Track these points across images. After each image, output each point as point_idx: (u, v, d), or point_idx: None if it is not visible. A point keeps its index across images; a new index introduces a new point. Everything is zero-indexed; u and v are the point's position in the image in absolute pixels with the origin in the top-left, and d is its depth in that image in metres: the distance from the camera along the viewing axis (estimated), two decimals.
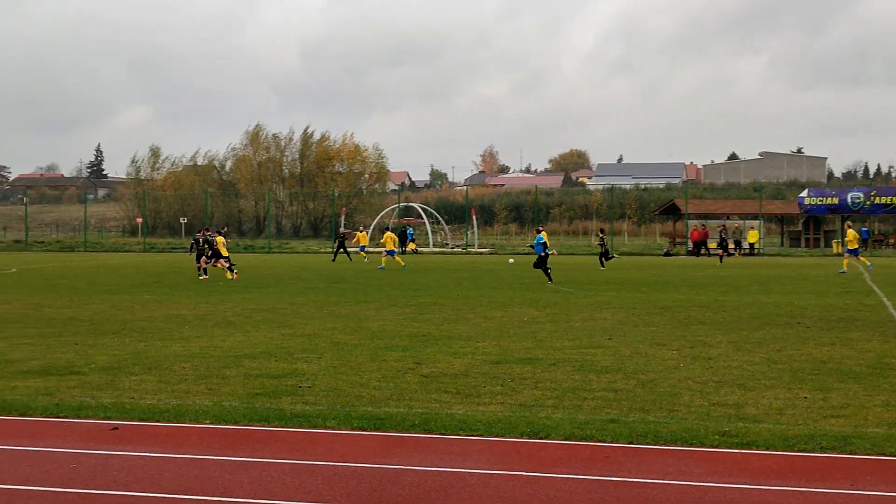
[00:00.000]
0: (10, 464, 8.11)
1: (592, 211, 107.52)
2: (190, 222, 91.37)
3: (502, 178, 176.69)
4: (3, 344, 15.97)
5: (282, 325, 18.72)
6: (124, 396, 11.23)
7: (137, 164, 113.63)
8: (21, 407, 10.51)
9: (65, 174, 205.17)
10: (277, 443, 8.92)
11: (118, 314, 21.06)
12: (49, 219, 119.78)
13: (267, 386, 11.94)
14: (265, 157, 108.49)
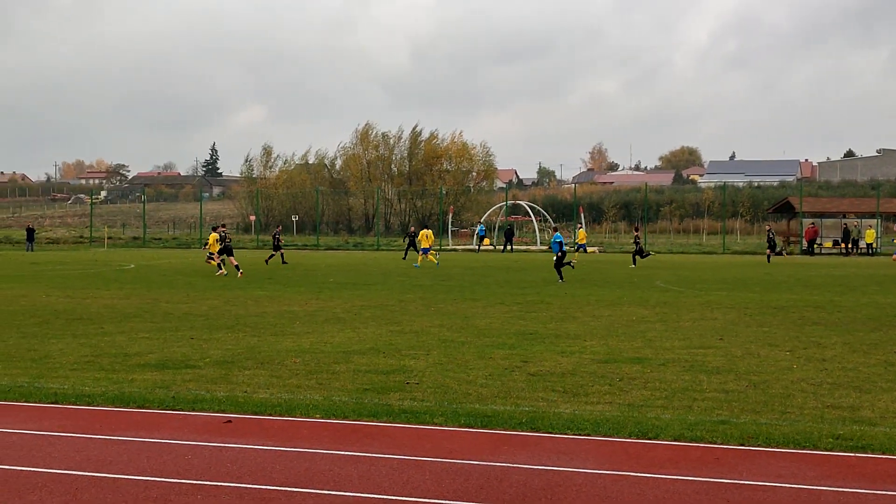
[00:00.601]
0: (129, 455, 8.36)
1: (704, 209, 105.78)
2: (301, 220, 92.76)
3: (611, 176, 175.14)
4: (122, 338, 16.45)
5: (390, 322, 18.89)
6: (237, 390, 11.48)
7: (250, 162, 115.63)
8: (139, 399, 10.81)
9: (181, 173, 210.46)
10: (386, 438, 9.01)
11: (232, 309, 21.51)
12: (166, 216, 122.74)
13: (375, 382, 12.07)
14: (374, 155, 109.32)
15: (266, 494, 7.15)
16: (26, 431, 9.23)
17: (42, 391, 11.27)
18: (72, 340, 16.11)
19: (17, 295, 25.68)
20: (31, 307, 22.06)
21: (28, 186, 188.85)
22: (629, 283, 30.54)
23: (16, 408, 10.44)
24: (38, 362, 13.71)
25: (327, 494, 7.16)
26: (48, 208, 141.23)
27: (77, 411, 10.26)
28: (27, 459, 8.14)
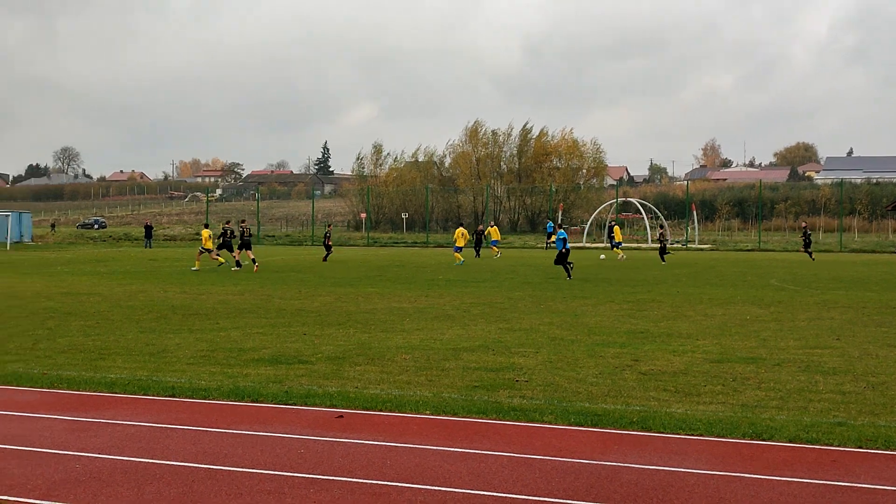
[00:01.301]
0: (243, 448, 8.52)
1: (820, 206, 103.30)
2: (411, 217, 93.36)
3: (724, 173, 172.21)
4: (237, 333, 16.77)
5: (499, 320, 18.88)
6: (349, 386, 11.60)
7: (362, 160, 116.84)
8: (253, 393, 11.01)
9: (293, 171, 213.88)
10: (495, 435, 9.01)
11: (343, 306, 21.75)
12: (279, 213, 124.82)
13: (485, 379, 12.08)
14: (484, 152, 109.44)
15: (377, 489, 7.21)
16: (144, 424, 9.47)
17: (160, 384, 11.55)
18: (188, 335, 16.48)
19: (136, 291, 26.38)
20: (149, 303, 22.65)
21: (146, 185, 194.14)
22: (743, 282, 29.99)
23: (135, 400, 10.72)
24: (156, 356, 14.06)
25: (437, 490, 7.19)
26: (165, 206, 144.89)
27: (193, 405, 10.49)
28: (145, 451, 8.35)
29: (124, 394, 11.08)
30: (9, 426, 9.35)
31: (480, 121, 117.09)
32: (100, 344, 15.40)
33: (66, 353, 14.34)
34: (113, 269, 37.60)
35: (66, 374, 12.28)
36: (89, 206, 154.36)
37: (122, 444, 8.62)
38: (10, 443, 8.61)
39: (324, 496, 7.03)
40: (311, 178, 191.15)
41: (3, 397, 10.87)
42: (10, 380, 11.94)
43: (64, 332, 16.98)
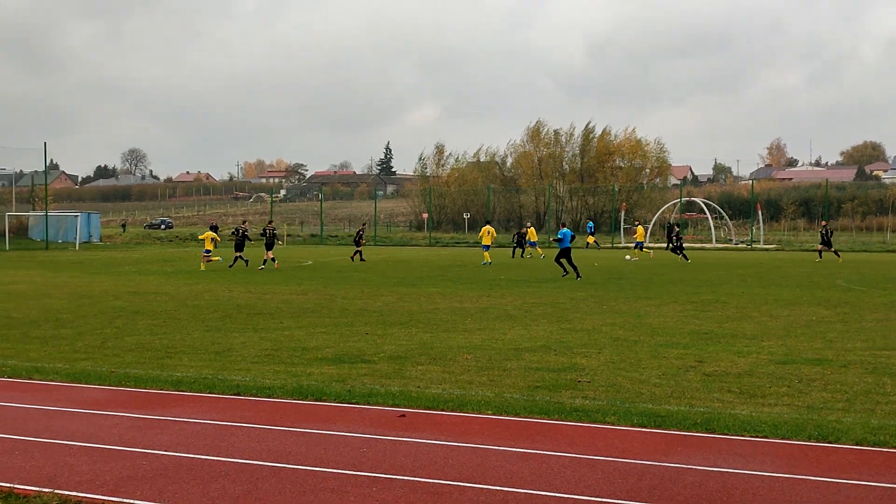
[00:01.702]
0: (307, 446, 8.59)
1: (888, 206, 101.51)
2: (473, 217, 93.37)
3: (790, 172, 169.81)
4: (301, 332, 16.91)
5: (561, 320, 18.83)
6: (411, 385, 11.64)
7: (424, 161, 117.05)
8: (316, 392, 11.09)
9: (356, 171, 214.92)
10: (557, 436, 8.99)
11: (405, 306, 21.83)
12: (342, 214, 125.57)
13: (547, 379, 12.05)
14: (546, 152, 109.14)
15: (439, 489, 7.23)
16: (210, 421, 9.59)
17: (225, 383, 11.69)
18: (253, 334, 16.65)
19: (202, 290, 26.71)
20: (214, 302, 22.92)
21: (212, 185, 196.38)
22: (808, 283, 29.58)
23: (200, 398, 10.86)
24: (221, 355, 14.23)
25: (499, 490, 7.19)
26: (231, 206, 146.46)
27: (258, 403, 10.60)
28: (211, 449, 8.46)
29: (190, 392, 11.23)
30: (78, 423, 9.52)
31: (542, 120, 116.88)
32: (166, 343, 15.62)
33: (133, 352, 14.57)
34: (179, 269, 38.09)
35: (134, 373, 12.48)
36: (156, 206, 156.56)
37: (188, 441, 8.74)
38: (79, 439, 8.77)
39: (386, 495, 7.06)
40: (374, 178, 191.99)
41: (73, 394, 11.07)
42: (80, 377, 12.15)
43: (132, 330, 17.25)
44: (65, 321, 18.72)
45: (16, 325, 18.00)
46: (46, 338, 16.25)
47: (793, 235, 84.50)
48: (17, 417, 9.80)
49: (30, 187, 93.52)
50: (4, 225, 69.82)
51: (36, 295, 25.26)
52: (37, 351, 14.67)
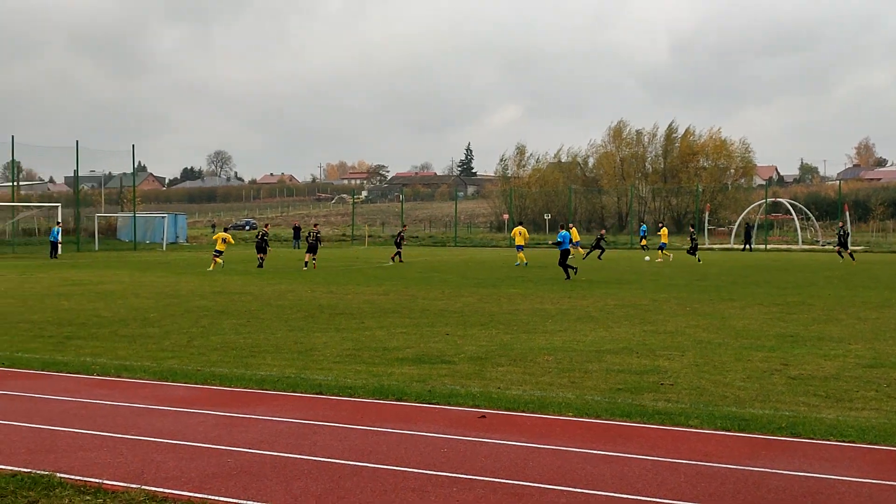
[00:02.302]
0: (388, 446, 8.63)
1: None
2: (554, 218, 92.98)
3: (879, 172, 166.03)
4: (382, 332, 17.01)
5: (643, 322, 18.68)
6: (491, 386, 11.64)
7: (505, 161, 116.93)
8: (397, 392, 11.14)
9: (437, 172, 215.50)
10: (639, 438, 8.92)
11: (486, 307, 21.84)
12: (422, 214, 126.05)
13: (628, 381, 11.97)
14: (628, 153, 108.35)
15: (519, 490, 7.22)
16: (293, 420, 9.69)
17: (308, 382, 11.81)
18: (335, 334, 16.80)
19: (285, 290, 27.02)
20: (297, 302, 23.16)
21: (295, 187, 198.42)
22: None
23: (283, 397, 10.98)
24: (303, 354, 14.38)
25: (580, 493, 7.16)
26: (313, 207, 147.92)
27: (340, 402, 10.68)
28: (294, 447, 8.55)
29: (274, 391, 11.36)
30: (165, 420, 9.70)
31: (624, 121, 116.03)
32: (250, 342, 15.83)
33: (218, 351, 14.79)
34: (263, 269, 38.54)
35: (219, 371, 12.67)
36: (240, 207, 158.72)
37: (272, 439, 8.85)
38: (165, 436, 8.93)
39: (466, 495, 7.07)
40: (455, 179, 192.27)
41: (160, 393, 11.27)
42: (167, 376, 12.37)
43: (217, 330, 17.52)
44: (152, 320, 19.08)
45: (105, 324, 18.39)
46: (134, 336, 16.58)
47: (881, 237, 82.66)
48: (106, 415, 10.01)
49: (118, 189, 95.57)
50: (94, 226, 71.37)
51: (124, 294, 25.78)
52: (125, 349, 14.98)
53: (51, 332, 17.24)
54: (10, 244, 65.01)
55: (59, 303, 23.16)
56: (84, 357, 14.03)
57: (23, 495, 6.96)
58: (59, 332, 17.24)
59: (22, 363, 13.41)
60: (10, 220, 70.29)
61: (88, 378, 12.25)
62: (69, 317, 19.75)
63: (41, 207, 77.00)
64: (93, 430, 9.18)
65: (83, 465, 7.84)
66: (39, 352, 14.62)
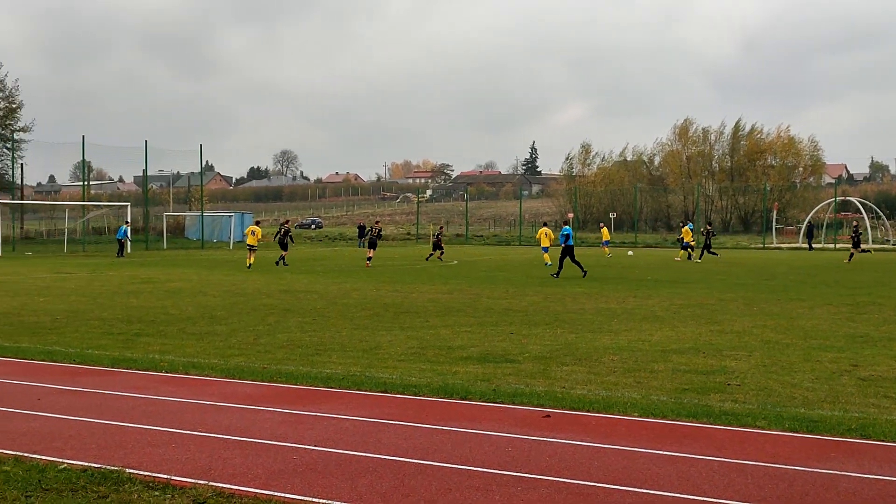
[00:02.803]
0: (452, 444, 8.65)
1: None
2: (619, 217, 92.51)
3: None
4: (446, 331, 17.04)
5: (710, 322, 18.50)
6: (556, 385, 11.60)
7: (570, 160, 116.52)
8: (461, 391, 11.15)
9: (501, 171, 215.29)
10: (705, 439, 8.83)
11: (550, 306, 21.77)
12: (487, 214, 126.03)
13: (695, 382, 11.86)
14: (694, 151, 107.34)
15: (584, 490, 7.19)
16: (358, 418, 9.74)
17: (372, 380, 11.86)
18: (399, 332, 16.86)
19: (350, 289, 27.18)
20: (362, 300, 23.29)
21: (360, 186, 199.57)
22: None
23: (349, 395, 11.04)
24: (368, 353, 14.45)
25: (645, 493, 7.11)
26: (378, 206, 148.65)
27: (404, 400, 10.72)
28: (359, 444, 8.59)
29: (339, 388, 11.43)
30: (232, 417, 9.80)
31: (690, 118, 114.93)
32: (316, 340, 15.95)
33: (284, 349, 14.92)
34: (328, 268, 38.84)
35: (285, 369, 12.77)
36: (306, 206, 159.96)
37: (337, 437, 8.90)
38: (233, 433, 9.03)
39: (531, 495, 7.06)
40: (519, 178, 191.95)
41: (227, 390, 11.40)
42: (234, 373, 12.50)
43: (283, 328, 17.67)
44: (219, 318, 19.30)
45: (173, 322, 18.64)
46: (202, 334, 16.78)
47: None
48: (174, 411, 10.14)
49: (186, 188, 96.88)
50: (163, 224, 72.42)
51: (192, 292, 26.11)
52: (193, 347, 15.17)
53: (120, 329, 17.52)
54: (81, 243, 66.22)
55: (128, 300, 23.53)
56: (152, 354, 14.23)
57: (93, 490, 7.08)
58: (129, 329, 17.51)
59: (92, 360, 13.64)
60: (80, 219, 71.62)
61: (157, 375, 12.43)
62: (138, 314, 20.05)
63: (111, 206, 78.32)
64: (161, 427, 9.31)
65: (152, 461, 7.96)
66: (109, 349, 14.86)
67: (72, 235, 69.34)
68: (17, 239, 67.32)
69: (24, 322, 18.63)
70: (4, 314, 20.10)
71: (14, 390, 11.35)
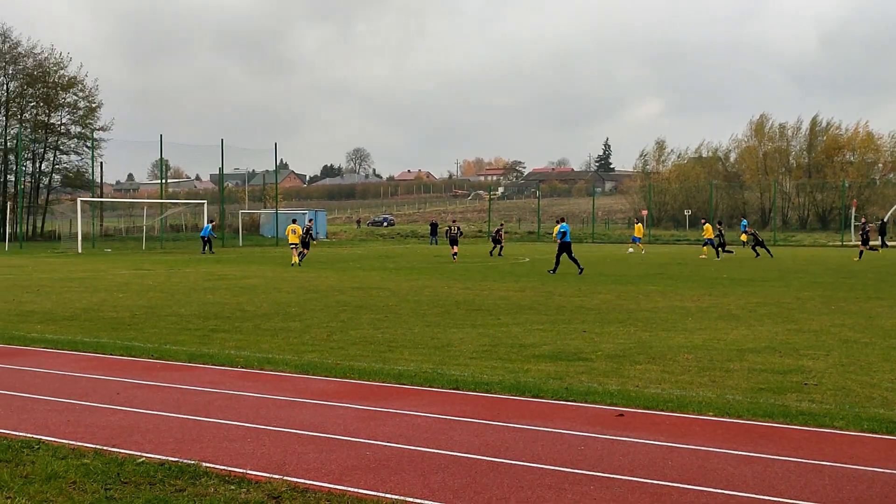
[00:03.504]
0: (524, 442, 8.63)
1: None
2: (694, 214, 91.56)
3: None
4: (518, 329, 17.01)
5: (787, 320, 18.23)
6: (629, 384, 11.53)
7: (644, 157, 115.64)
8: (533, 389, 11.13)
9: (574, 168, 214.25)
10: (781, 439, 8.71)
11: (623, 304, 21.63)
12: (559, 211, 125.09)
13: (771, 381, 11.70)
14: (770, 147, 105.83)
15: (658, 490, 7.13)
16: (430, 415, 9.77)
17: (444, 377, 11.88)
18: (471, 330, 16.87)
19: (422, 286, 27.26)
20: (434, 297, 23.35)
21: (432, 184, 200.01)
22: None
23: (421, 392, 11.08)
24: (440, 350, 14.48)
25: (720, 493, 7.03)
26: (450, 204, 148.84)
27: (476, 398, 10.72)
28: (431, 441, 8.62)
29: (411, 385, 11.47)
30: (306, 413, 9.89)
31: (766, 114, 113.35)
32: (388, 337, 16.03)
33: (357, 345, 15.02)
34: (400, 265, 39.01)
35: (358, 365, 12.85)
36: (378, 204, 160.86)
37: (409, 433, 8.94)
38: (307, 429, 9.11)
39: (604, 494, 7.02)
40: (592, 175, 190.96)
41: (301, 385, 11.50)
42: (308, 369, 12.62)
43: (356, 324, 17.78)
44: (293, 314, 19.49)
45: (249, 318, 18.86)
46: (276, 330, 16.96)
47: None
48: (249, 406, 10.27)
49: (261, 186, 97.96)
50: (238, 222, 73.31)
51: (267, 289, 26.40)
52: (268, 343, 15.33)
53: (197, 325, 17.78)
54: (159, 240, 67.31)
55: (204, 297, 23.87)
56: (228, 350, 14.42)
57: (170, 483, 7.20)
58: (205, 325, 17.76)
59: (170, 355, 13.86)
60: (158, 217, 72.82)
61: (233, 370, 12.59)
62: (214, 310, 20.33)
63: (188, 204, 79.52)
64: (237, 421, 9.43)
65: (228, 455, 8.07)
66: (186, 344, 15.09)
67: (150, 232, 70.55)
68: (97, 236, 68.71)
69: (104, 318, 18.99)
70: (85, 310, 20.52)
71: (94, 385, 11.58)
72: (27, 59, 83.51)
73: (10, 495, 6.84)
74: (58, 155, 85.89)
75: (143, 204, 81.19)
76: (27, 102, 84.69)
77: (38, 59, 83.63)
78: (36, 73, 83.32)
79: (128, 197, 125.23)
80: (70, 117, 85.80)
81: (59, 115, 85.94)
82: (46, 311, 20.14)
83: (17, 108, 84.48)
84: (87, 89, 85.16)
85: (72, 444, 8.42)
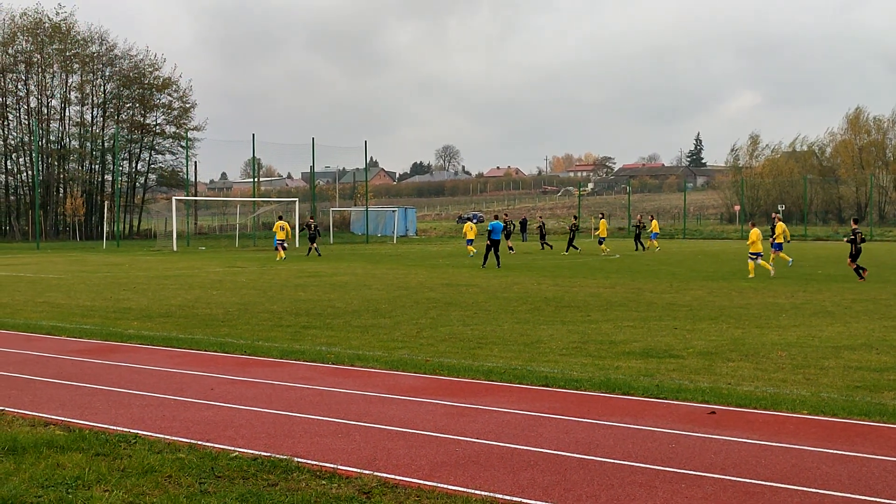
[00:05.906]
0: (614, 439, 8.58)
1: None
2: (788, 210, 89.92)
3: None
4: (608, 326, 16.91)
5: (883, 317, 17.82)
6: (721, 382, 11.39)
7: (736, 151, 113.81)
8: (623, 386, 11.06)
9: (664, 163, 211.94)
10: (878, 439, 8.53)
11: (715, 300, 21.36)
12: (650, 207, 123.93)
13: (867, 379, 11.46)
14: (866, 140, 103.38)
15: (750, 489, 7.04)
16: (519, 411, 9.77)
17: (533, 374, 11.87)
18: (560, 327, 16.81)
19: (511, 282, 27.24)
20: (523, 294, 23.31)
21: (521, 180, 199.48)
22: None
23: (510, 389, 11.08)
24: (529, 347, 14.46)
25: (815, 493, 6.92)
26: (539, 200, 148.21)
27: (565, 395, 10.69)
28: (520, 438, 8.62)
29: (500, 382, 11.48)
30: (395, 409, 9.96)
31: (862, 107, 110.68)
32: (477, 333, 16.05)
33: (446, 342, 15.07)
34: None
35: (447, 362, 12.90)
36: (467, 201, 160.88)
37: (499, 430, 8.95)
38: (396, 424, 9.18)
39: (695, 492, 6.95)
40: (683, 170, 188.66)
41: (391, 381, 11.59)
42: (398, 365, 12.70)
43: (445, 321, 17.85)
44: (383, 311, 19.62)
45: (339, 315, 19.04)
46: (367, 327, 17.10)
47: None
48: (340, 402, 10.37)
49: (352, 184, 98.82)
50: (329, 219, 74.05)
51: (357, 286, 26.62)
52: (358, 339, 15.47)
53: (289, 321, 18.01)
54: (251, 237, 68.28)
55: (296, 294, 24.16)
56: (320, 346, 14.58)
57: (263, 478, 7.31)
58: (297, 321, 17.98)
59: (262, 351, 14.07)
60: (250, 215, 73.88)
61: (324, 366, 12.72)
62: (306, 307, 20.57)
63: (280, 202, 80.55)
64: (328, 417, 9.54)
65: (319, 451, 8.16)
66: (278, 340, 15.30)
67: (243, 230, 71.59)
68: (191, 234, 69.98)
69: (199, 314, 19.34)
70: (180, 307, 20.92)
71: (189, 380, 11.81)
72: (123, 61, 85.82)
73: (108, 488, 7.01)
74: (153, 154, 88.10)
75: (236, 202, 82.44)
76: (123, 103, 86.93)
77: (133, 61, 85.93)
78: (132, 74, 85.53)
79: (221, 195, 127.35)
80: (165, 118, 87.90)
81: (154, 116, 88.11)
82: (143, 309, 20.58)
83: (113, 109, 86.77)
84: (182, 90, 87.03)
85: (167, 438, 8.61)
